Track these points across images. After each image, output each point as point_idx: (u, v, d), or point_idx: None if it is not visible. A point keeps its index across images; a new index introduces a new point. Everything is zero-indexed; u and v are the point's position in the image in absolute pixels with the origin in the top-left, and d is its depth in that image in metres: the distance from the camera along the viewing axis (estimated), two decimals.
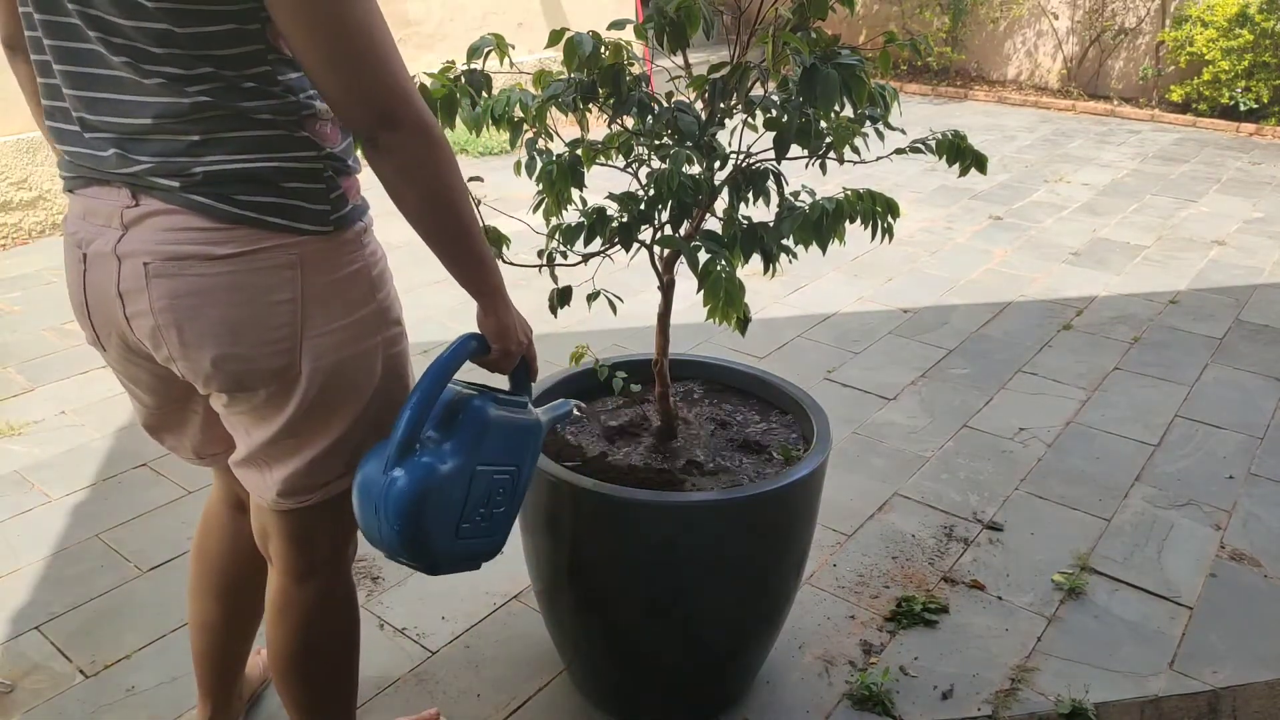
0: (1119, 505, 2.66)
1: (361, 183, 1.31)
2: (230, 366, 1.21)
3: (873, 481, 2.75)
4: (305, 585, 1.44)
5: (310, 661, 1.49)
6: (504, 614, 2.20)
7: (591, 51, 1.51)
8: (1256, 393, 3.32)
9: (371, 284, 1.28)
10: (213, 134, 1.15)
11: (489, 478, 1.31)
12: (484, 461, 1.29)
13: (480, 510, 1.30)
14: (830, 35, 1.48)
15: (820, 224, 1.57)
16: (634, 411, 1.95)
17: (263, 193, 1.17)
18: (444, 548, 1.28)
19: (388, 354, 1.32)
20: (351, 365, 1.27)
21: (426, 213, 1.22)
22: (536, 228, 1.75)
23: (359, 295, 1.26)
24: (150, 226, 1.18)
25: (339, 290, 1.24)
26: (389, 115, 1.12)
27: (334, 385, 1.26)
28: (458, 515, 1.28)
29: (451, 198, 1.21)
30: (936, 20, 8.63)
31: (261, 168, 1.17)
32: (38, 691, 1.96)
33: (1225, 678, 2.07)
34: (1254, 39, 6.99)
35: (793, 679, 2.03)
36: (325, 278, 1.22)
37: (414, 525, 1.23)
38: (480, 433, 1.29)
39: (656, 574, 1.72)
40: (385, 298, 1.31)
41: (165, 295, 1.18)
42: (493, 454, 1.31)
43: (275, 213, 1.18)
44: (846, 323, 3.84)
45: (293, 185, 1.19)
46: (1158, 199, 5.56)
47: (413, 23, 6.31)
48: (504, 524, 1.36)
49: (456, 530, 1.28)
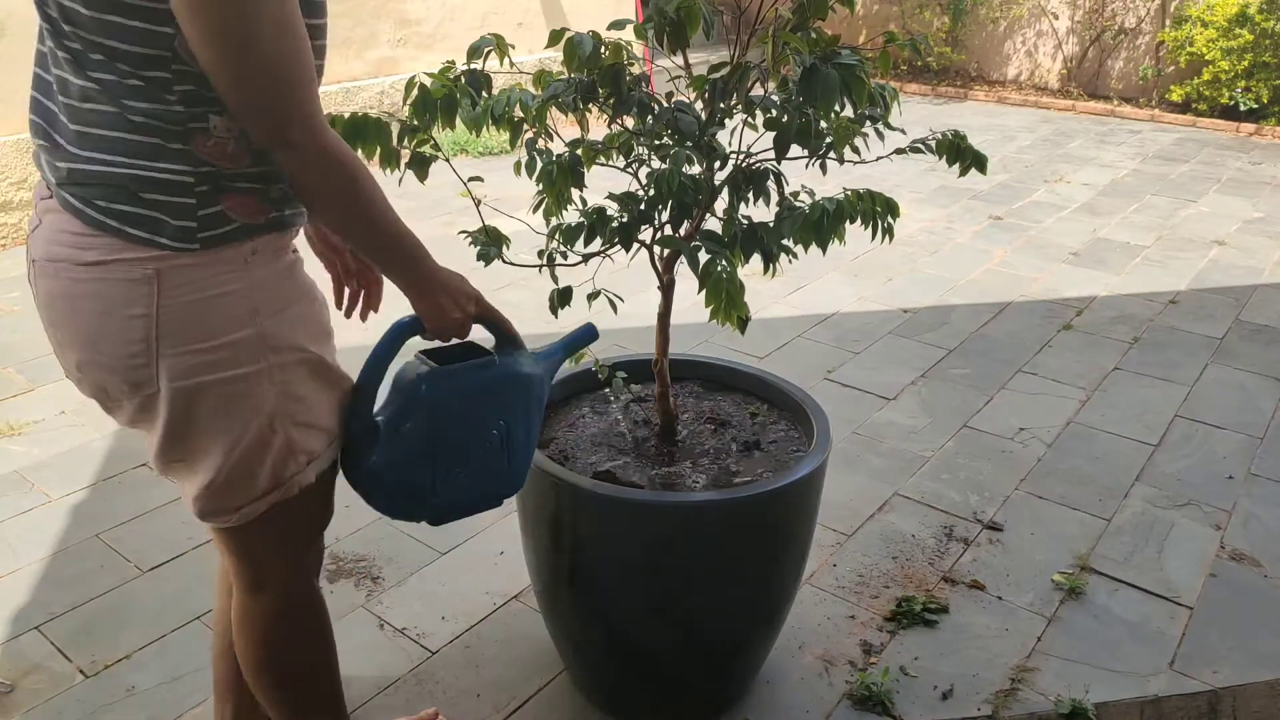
0: (1119, 505, 2.66)
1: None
2: (92, 374, 1.21)
3: (873, 481, 2.75)
4: (259, 597, 1.43)
5: (275, 672, 1.48)
6: (504, 614, 2.20)
7: (591, 51, 1.51)
8: (1256, 393, 3.32)
9: (253, 309, 1.21)
10: (91, 128, 1.13)
11: (462, 442, 1.39)
12: (448, 432, 1.38)
13: (460, 469, 1.40)
14: (830, 35, 1.48)
15: (820, 224, 1.57)
16: (634, 411, 1.95)
17: (121, 200, 1.14)
18: (431, 510, 1.42)
19: (282, 380, 1.25)
20: (219, 390, 1.21)
21: (337, 226, 1.26)
22: (536, 228, 1.75)
23: (230, 319, 1.20)
24: (48, 224, 1.19)
25: (204, 311, 1.18)
26: (285, 140, 1.12)
27: (201, 409, 1.22)
28: (426, 485, 1.39)
29: (363, 214, 1.21)
30: (936, 20, 8.63)
31: (120, 173, 1.14)
32: (38, 691, 1.96)
33: (1225, 678, 2.07)
34: (1254, 39, 6.99)
35: (793, 679, 2.03)
36: (187, 296, 1.17)
37: (384, 503, 1.42)
38: (431, 412, 1.36)
39: (656, 574, 1.72)
40: (273, 324, 1.23)
41: (44, 294, 1.20)
42: (458, 421, 1.39)
43: (135, 224, 1.14)
44: (846, 323, 3.84)
45: (151, 196, 1.14)
46: (1158, 199, 5.56)
47: (413, 23, 6.31)
48: (504, 470, 1.46)
49: (434, 493, 1.40)
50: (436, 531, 2.46)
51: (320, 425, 1.33)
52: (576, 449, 1.84)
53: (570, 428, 1.91)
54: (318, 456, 1.34)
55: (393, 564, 2.36)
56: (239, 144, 1.18)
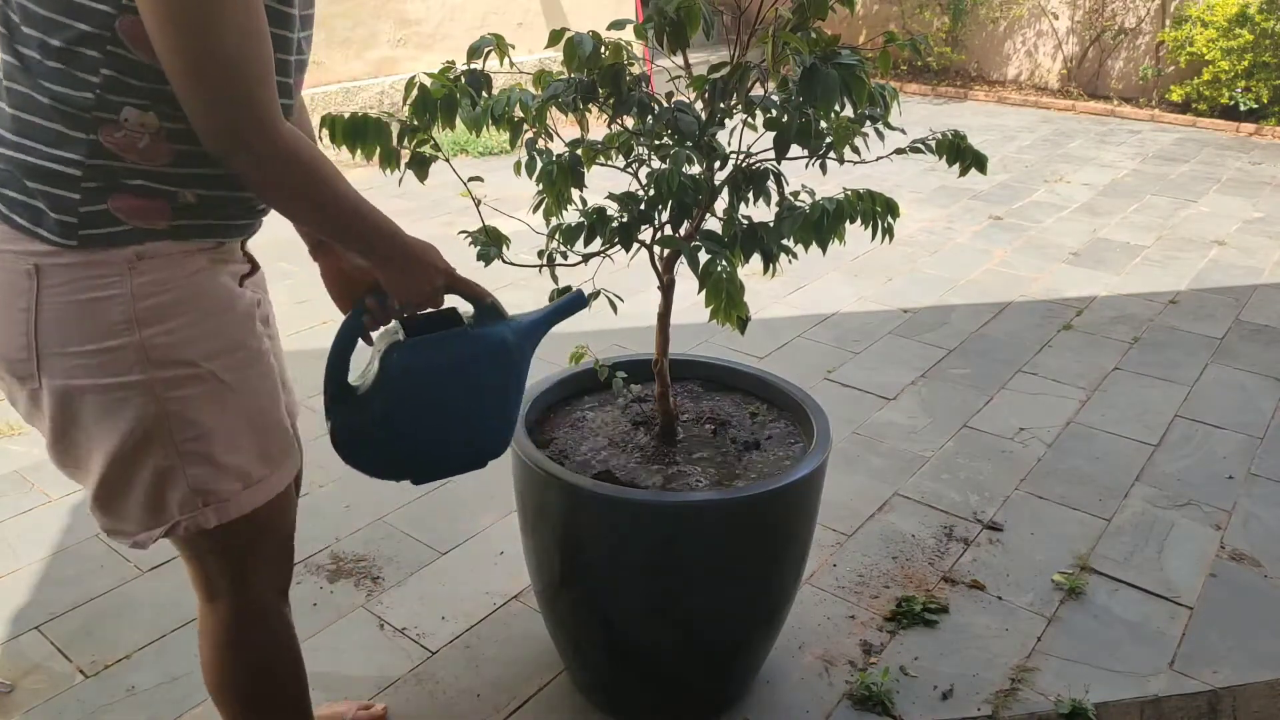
0: (1119, 505, 2.66)
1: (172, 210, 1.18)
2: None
3: (873, 481, 2.75)
4: (214, 605, 1.40)
5: (231, 682, 1.44)
6: (504, 614, 2.20)
7: (591, 51, 1.51)
8: (1256, 393, 3.32)
9: (133, 318, 1.14)
10: (3, 106, 1.11)
11: (437, 406, 1.42)
12: (419, 398, 1.40)
13: (437, 433, 1.43)
14: (830, 35, 1.48)
15: (820, 224, 1.57)
16: (634, 411, 1.95)
17: (11, 186, 1.11)
18: (409, 471, 1.46)
19: (166, 397, 1.17)
20: (91, 398, 1.15)
21: (299, 220, 1.25)
22: (536, 228, 1.75)
23: (106, 325, 1.13)
24: None
25: (80, 314, 1.12)
26: (239, 141, 1.08)
27: (74, 413, 1.17)
28: (405, 448, 1.43)
29: (324, 203, 1.19)
30: (936, 20, 8.63)
31: (14, 157, 1.11)
32: (38, 691, 1.96)
33: (1225, 678, 2.07)
34: (1254, 39, 6.99)
35: (793, 679, 2.03)
36: (65, 296, 1.12)
37: (364, 465, 1.45)
38: (404, 379, 1.39)
39: (656, 574, 1.72)
40: (159, 336, 1.15)
41: None
42: (428, 389, 1.41)
43: (20, 212, 1.11)
44: (846, 323, 3.84)
45: (35, 186, 1.10)
46: (1158, 199, 5.56)
47: (413, 23, 6.31)
48: (483, 431, 1.49)
49: (416, 454, 1.44)
50: (436, 531, 2.46)
51: (226, 463, 1.24)
52: (576, 449, 1.84)
53: (570, 428, 1.91)
54: (223, 501, 1.25)
55: (393, 564, 2.36)
56: (155, 141, 1.12)
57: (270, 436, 1.30)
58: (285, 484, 1.34)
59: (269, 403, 1.30)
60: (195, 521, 1.24)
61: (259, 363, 1.28)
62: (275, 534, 1.39)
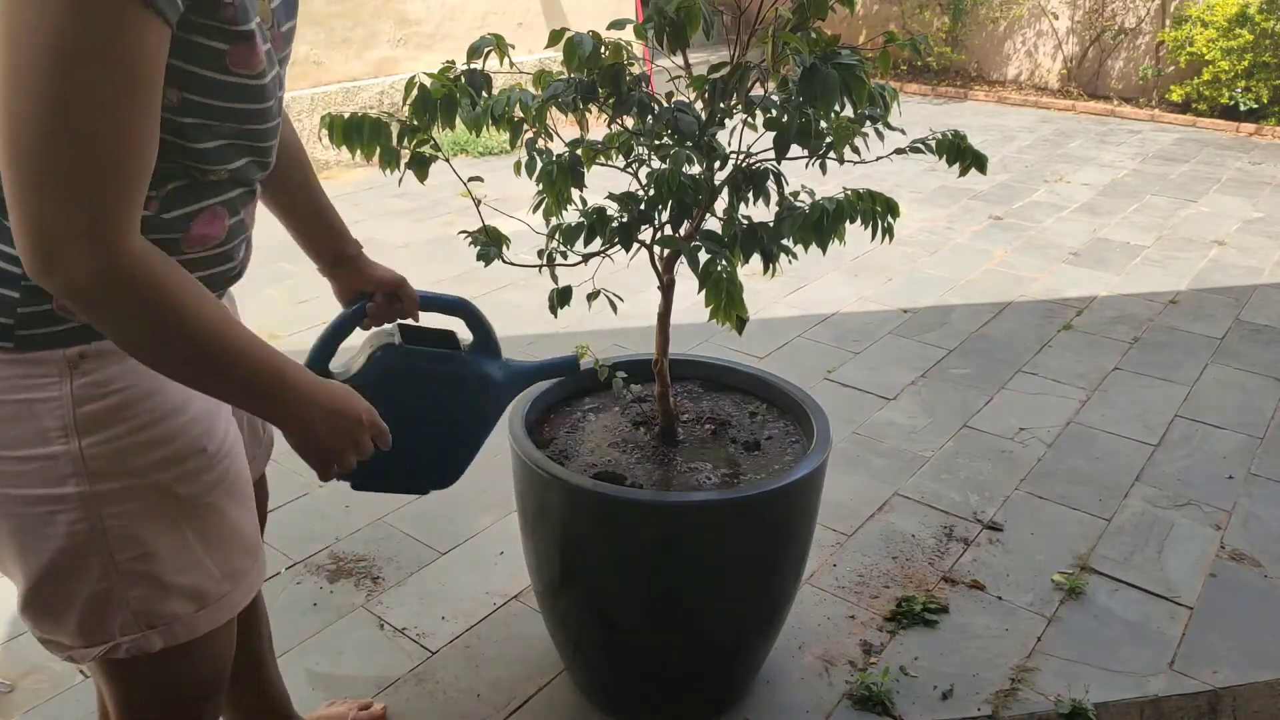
0: (1119, 505, 2.66)
1: None
2: None
3: (873, 481, 2.75)
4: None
5: None
6: (504, 614, 2.20)
7: (591, 51, 1.51)
8: (1256, 393, 3.32)
9: (70, 424, 1.01)
10: None
11: (406, 419, 1.31)
12: (391, 405, 1.29)
13: (395, 447, 1.30)
14: (830, 35, 1.48)
15: (820, 224, 1.57)
16: (634, 411, 1.95)
17: None
18: (354, 474, 1.34)
19: (104, 513, 1.04)
20: (14, 510, 1.03)
21: (144, 359, 0.98)
22: (536, 228, 1.75)
23: (36, 432, 1.00)
24: None
25: (8, 416, 1.00)
26: (53, 274, 0.88)
27: (1, 522, 1.04)
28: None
29: (175, 346, 0.95)
30: (936, 20, 8.63)
31: None
32: (38, 691, 1.96)
33: (1225, 678, 2.07)
34: (1254, 39, 6.99)
35: (793, 679, 2.03)
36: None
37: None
38: (382, 377, 1.36)
39: (656, 574, 1.72)
40: (97, 444, 1.02)
41: None
42: (404, 399, 1.36)
43: None
44: (846, 323, 3.84)
45: None
46: (1158, 199, 5.56)
47: (413, 23, 6.31)
48: (440, 462, 1.46)
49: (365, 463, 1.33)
50: (436, 531, 2.46)
51: (175, 583, 1.09)
52: (576, 449, 1.84)
53: (570, 428, 1.91)
54: (171, 623, 1.11)
55: (393, 564, 2.36)
56: None
57: (231, 548, 1.16)
58: (249, 598, 1.20)
59: (231, 510, 1.16)
60: (138, 645, 1.10)
61: (215, 467, 1.12)
62: (223, 658, 1.23)
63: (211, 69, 0.95)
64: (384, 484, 1.44)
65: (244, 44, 0.96)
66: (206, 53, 0.94)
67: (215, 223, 1.08)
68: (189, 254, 1.07)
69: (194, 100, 0.96)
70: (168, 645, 1.11)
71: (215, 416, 1.14)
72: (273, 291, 3.84)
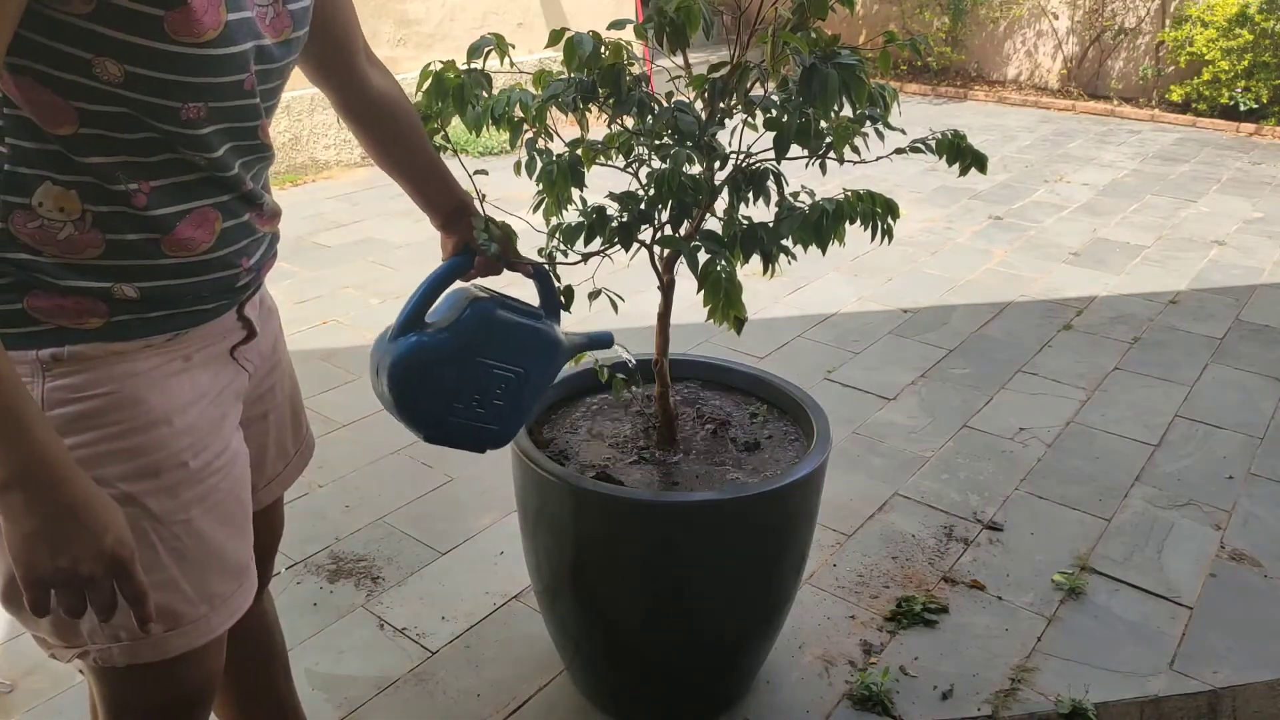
0: (1119, 505, 2.66)
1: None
2: None
3: (873, 481, 2.75)
4: None
5: None
6: (504, 614, 2.20)
7: (591, 51, 1.51)
8: (1256, 393, 3.32)
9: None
10: None
11: (489, 370, 1.42)
12: (481, 354, 1.41)
13: (476, 397, 1.42)
14: (830, 35, 1.48)
15: (820, 224, 1.57)
16: (634, 411, 1.95)
17: None
18: (435, 419, 1.41)
19: None
20: None
21: None
22: (537, 227, 1.75)
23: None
24: None
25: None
26: None
27: None
28: (451, 394, 1.41)
29: None
30: (936, 20, 8.62)
31: None
32: (38, 691, 1.96)
33: (1225, 678, 2.07)
34: (1254, 39, 6.99)
35: (793, 679, 2.03)
36: None
37: (403, 389, 1.39)
38: (479, 326, 1.40)
39: (656, 574, 1.72)
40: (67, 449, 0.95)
41: None
42: (492, 349, 1.42)
43: None
44: (846, 323, 3.84)
45: None
46: (1158, 199, 5.56)
47: (413, 23, 6.31)
48: (506, 418, 1.47)
49: (449, 408, 1.40)
50: (436, 532, 2.46)
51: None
52: (576, 449, 1.84)
53: (570, 428, 1.91)
54: (132, 640, 1.06)
55: (393, 564, 2.36)
56: (80, 230, 0.95)
57: (209, 570, 1.09)
58: (230, 622, 1.13)
59: (211, 530, 1.09)
60: (104, 656, 1.06)
61: (199, 484, 1.07)
62: (204, 678, 1.16)
63: (150, 38, 0.90)
64: (460, 436, 1.47)
65: (178, 8, 0.90)
66: (141, 19, 0.89)
67: (204, 226, 1.04)
68: (170, 257, 1.02)
69: (140, 75, 0.91)
70: (130, 663, 1.06)
71: (212, 432, 1.09)
72: (273, 291, 3.83)
